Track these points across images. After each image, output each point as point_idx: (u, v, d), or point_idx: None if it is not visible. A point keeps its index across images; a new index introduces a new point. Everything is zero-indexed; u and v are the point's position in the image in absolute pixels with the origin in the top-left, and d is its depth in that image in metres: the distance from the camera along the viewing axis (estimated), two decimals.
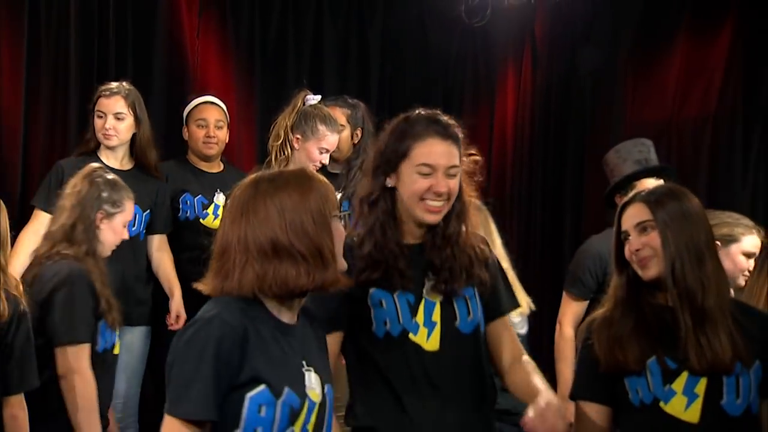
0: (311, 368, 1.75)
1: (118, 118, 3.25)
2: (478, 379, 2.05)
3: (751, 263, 2.92)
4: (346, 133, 3.45)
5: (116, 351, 2.69)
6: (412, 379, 1.99)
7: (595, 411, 2.03)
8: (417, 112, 2.05)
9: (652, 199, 2.02)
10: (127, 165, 3.32)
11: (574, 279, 3.30)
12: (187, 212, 3.48)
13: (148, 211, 3.28)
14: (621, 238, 2.03)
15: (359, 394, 2.05)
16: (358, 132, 3.46)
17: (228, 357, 1.65)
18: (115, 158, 3.29)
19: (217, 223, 3.36)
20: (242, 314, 1.70)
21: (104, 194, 2.59)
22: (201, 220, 3.48)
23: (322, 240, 1.72)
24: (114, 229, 2.62)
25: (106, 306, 2.57)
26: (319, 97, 3.37)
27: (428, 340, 2.00)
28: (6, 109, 3.71)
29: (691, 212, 1.99)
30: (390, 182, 2.01)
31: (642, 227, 1.99)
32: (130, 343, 3.21)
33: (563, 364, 3.26)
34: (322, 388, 1.76)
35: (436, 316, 2.01)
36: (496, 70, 4.99)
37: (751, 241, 2.90)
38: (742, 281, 2.82)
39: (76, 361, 2.49)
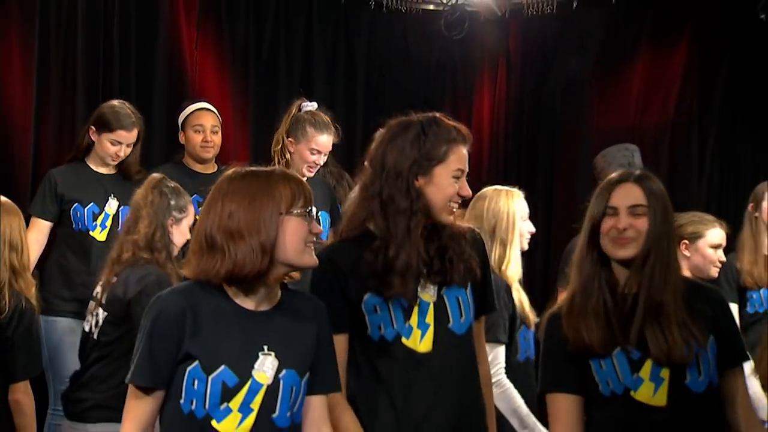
0: (271, 353, 1.76)
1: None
2: (470, 379, 2.05)
3: (720, 254, 3.05)
4: None
5: None
6: (405, 381, 1.98)
7: (567, 402, 1.97)
8: (438, 116, 2.05)
9: (647, 185, 1.99)
10: (111, 170, 3.41)
11: (566, 275, 3.23)
12: None
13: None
14: (602, 213, 1.98)
15: (357, 392, 2.02)
16: None
17: (161, 334, 1.72)
18: (104, 165, 3.37)
19: None
20: (185, 297, 1.75)
21: (172, 202, 2.71)
22: (197, 217, 3.51)
23: (256, 234, 1.72)
24: (182, 232, 2.74)
25: None
26: (315, 104, 3.44)
27: (421, 341, 1.99)
28: (18, 112, 3.76)
29: (671, 207, 2.00)
30: (420, 183, 1.98)
31: (635, 210, 1.95)
32: None
33: None
34: (277, 373, 1.76)
35: (430, 317, 2.00)
36: (473, 80, 5.10)
37: (716, 234, 3.04)
38: (714, 272, 2.94)
39: None
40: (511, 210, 2.79)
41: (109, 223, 3.34)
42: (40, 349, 2.69)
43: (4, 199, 2.75)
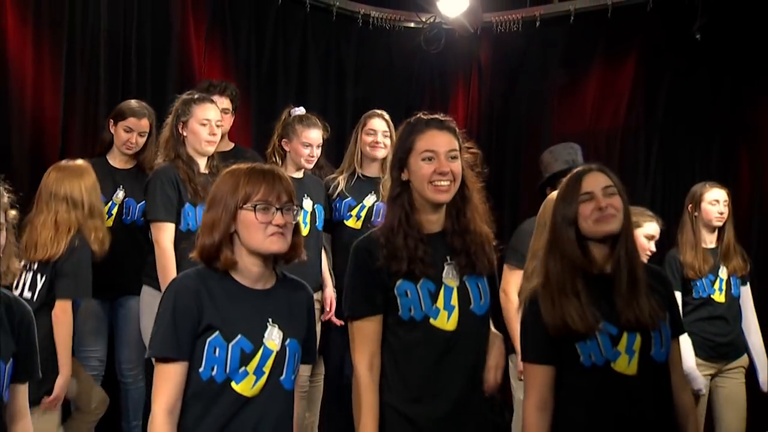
0: (276, 324, 1.84)
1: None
2: (484, 354, 2.13)
3: (652, 245, 3.24)
4: None
5: None
6: (433, 355, 2.03)
7: (542, 371, 2.03)
8: (418, 115, 2.11)
9: (608, 172, 2.05)
10: (128, 164, 3.50)
11: (515, 252, 3.29)
12: None
13: (143, 201, 3.29)
14: (578, 200, 2.00)
15: (387, 363, 2.06)
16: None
17: (184, 308, 1.78)
18: (121, 159, 3.47)
19: None
20: (197, 277, 1.83)
21: None
22: None
23: (218, 224, 1.81)
24: None
25: None
26: (302, 108, 3.50)
27: (448, 321, 2.03)
28: (48, 113, 3.81)
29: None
30: (404, 176, 2.05)
31: (609, 191, 2.00)
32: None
33: (514, 322, 3.12)
34: (283, 341, 1.84)
35: (455, 300, 2.04)
36: (449, 89, 5.27)
37: (652, 227, 3.21)
38: (644, 259, 2.98)
39: None
40: None
41: (114, 211, 3.45)
42: (84, 275, 2.91)
43: (66, 162, 3.11)
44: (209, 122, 3.18)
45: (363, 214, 3.45)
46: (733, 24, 4.31)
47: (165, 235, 3.05)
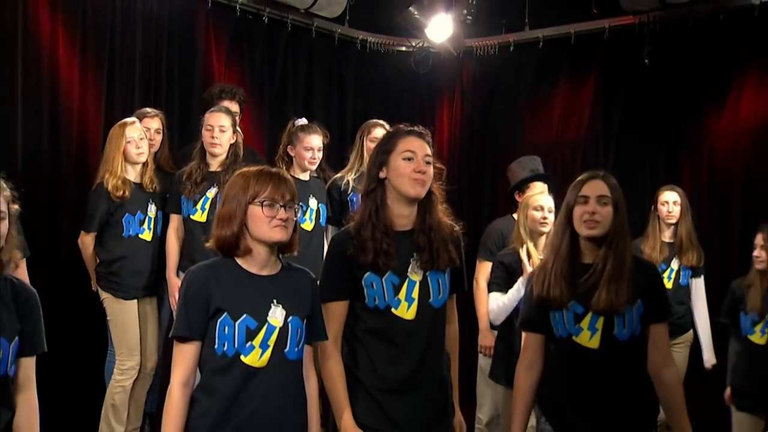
0: (280, 304, 1.90)
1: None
2: (438, 341, 2.14)
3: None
4: None
5: None
6: (390, 340, 2.07)
7: (534, 338, 2.20)
8: (398, 125, 2.17)
9: (609, 182, 2.11)
10: (149, 163, 3.50)
11: (485, 248, 3.51)
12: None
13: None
14: (575, 202, 2.08)
15: (350, 344, 2.11)
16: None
17: (195, 294, 1.86)
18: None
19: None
20: (208, 267, 1.91)
21: None
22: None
23: (234, 218, 1.88)
24: None
25: None
26: (304, 119, 3.66)
27: (408, 311, 2.07)
28: (90, 124, 3.97)
29: (624, 199, 2.13)
30: (383, 174, 2.07)
31: (603, 200, 2.07)
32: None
33: (482, 306, 3.42)
34: (286, 318, 1.90)
35: (415, 293, 2.07)
36: (436, 103, 5.50)
37: None
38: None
39: None
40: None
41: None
42: None
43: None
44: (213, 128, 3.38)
45: None
46: (676, 51, 4.57)
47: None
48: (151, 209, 3.50)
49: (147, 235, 3.51)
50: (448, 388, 2.17)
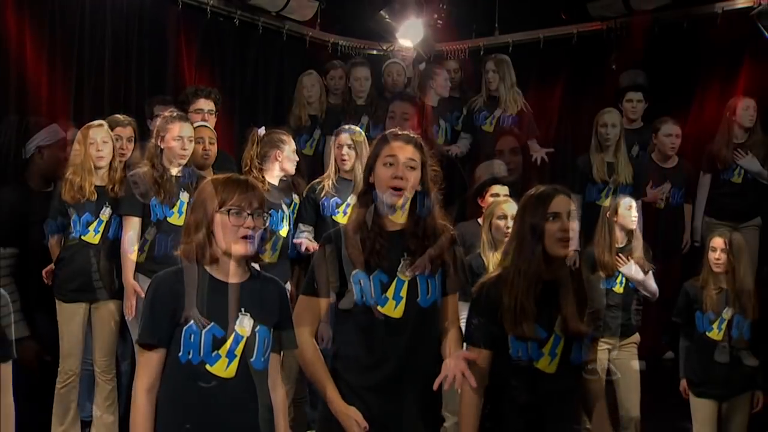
0: (247, 314, 1.90)
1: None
2: (430, 341, 2.14)
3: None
4: None
5: None
6: (375, 337, 2.09)
7: (482, 354, 2.09)
8: (387, 131, 2.18)
9: (571, 195, 2.06)
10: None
11: None
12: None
13: None
14: (545, 219, 1.99)
15: (338, 336, 2.17)
16: None
17: (161, 301, 1.86)
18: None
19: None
20: (175, 273, 1.89)
21: None
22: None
23: (201, 226, 1.87)
24: None
25: None
26: (263, 128, 3.59)
27: (395, 309, 2.09)
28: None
29: None
30: (371, 179, 2.11)
31: (573, 215, 2.02)
32: None
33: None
34: (253, 328, 1.90)
35: (403, 292, 2.09)
36: None
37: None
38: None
39: None
40: None
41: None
42: None
43: None
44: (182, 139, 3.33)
45: (349, 210, 3.05)
46: (641, 57, 4.74)
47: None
48: (105, 212, 3.42)
49: (91, 237, 3.40)
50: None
